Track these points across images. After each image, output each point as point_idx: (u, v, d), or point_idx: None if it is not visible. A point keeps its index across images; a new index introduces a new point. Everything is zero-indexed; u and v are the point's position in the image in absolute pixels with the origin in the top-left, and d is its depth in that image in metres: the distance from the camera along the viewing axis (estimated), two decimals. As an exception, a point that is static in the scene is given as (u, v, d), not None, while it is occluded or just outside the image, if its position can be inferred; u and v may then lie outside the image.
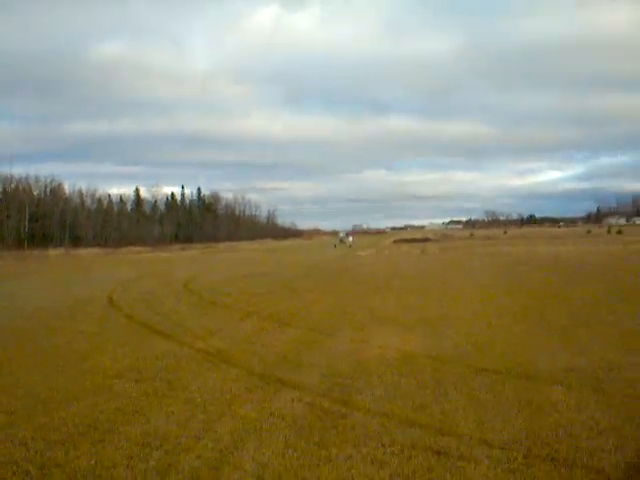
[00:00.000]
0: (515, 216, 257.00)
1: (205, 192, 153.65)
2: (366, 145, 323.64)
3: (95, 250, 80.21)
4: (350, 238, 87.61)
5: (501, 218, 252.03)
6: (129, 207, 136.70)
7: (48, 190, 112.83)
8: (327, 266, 37.44)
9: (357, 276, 27.78)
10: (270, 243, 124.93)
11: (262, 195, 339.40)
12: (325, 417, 6.90)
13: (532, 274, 25.65)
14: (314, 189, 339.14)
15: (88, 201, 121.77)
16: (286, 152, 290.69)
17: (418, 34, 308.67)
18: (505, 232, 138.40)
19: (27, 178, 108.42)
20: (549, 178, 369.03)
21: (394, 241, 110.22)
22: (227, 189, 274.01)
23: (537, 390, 7.79)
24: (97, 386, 8.50)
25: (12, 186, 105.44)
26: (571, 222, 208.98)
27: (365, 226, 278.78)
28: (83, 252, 74.77)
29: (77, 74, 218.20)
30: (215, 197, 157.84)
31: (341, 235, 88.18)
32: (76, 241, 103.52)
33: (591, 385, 7.92)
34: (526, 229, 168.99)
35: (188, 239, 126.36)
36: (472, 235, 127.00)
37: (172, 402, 7.62)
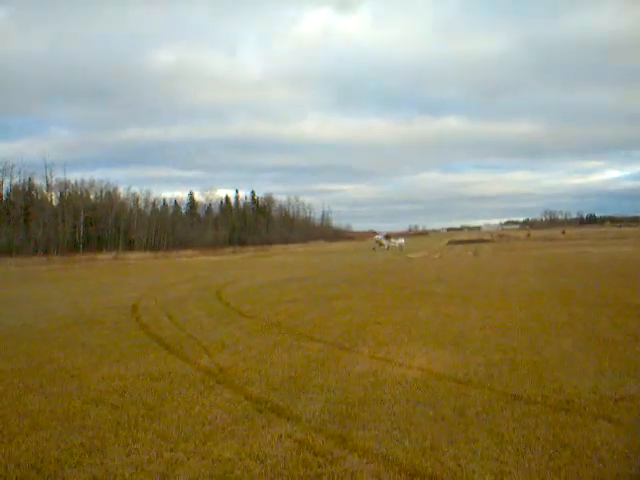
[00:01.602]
0: (574, 215, 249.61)
1: (259, 195, 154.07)
2: (420, 147, 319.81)
3: (146, 254, 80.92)
4: (401, 240, 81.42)
5: (560, 217, 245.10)
6: (183, 211, 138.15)
7: (103, 195, 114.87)
8: (372, 270, 36.10)
9: (399, 281, 26.39)
10: (323, 245, 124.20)
11: (317, 197, 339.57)
12: (312, 461, 5.71)
13: (588, 279, 23.75)
14: (370, 191, 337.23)
15: (142, 205, 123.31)
16: (341, 155, 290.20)
17: (470, 34, 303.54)
18: (563, 232, 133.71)
19: (83, 183, 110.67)
20: (609, 177, 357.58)
21: (448, 242, 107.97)
22: (281, 192, 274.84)
23: (577, 426, 6.40)
24: (70, 412, 7.50)
25: (68, 191, 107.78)
26: (633, 221, 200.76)
27: (421, 227, 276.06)
28: (133, 256, 75.38)
29: (133, 80, 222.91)
30: (269, 200, 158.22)
31: (377, 237, 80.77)
32: (130, 245, 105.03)
33: (648, 422, 6.49)
34: (585, 229, 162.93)
35: (242, 242, 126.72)
36: (529, 235, 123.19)
37: (141, 436, 6.55)
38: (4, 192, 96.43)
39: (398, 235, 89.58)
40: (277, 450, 6.02)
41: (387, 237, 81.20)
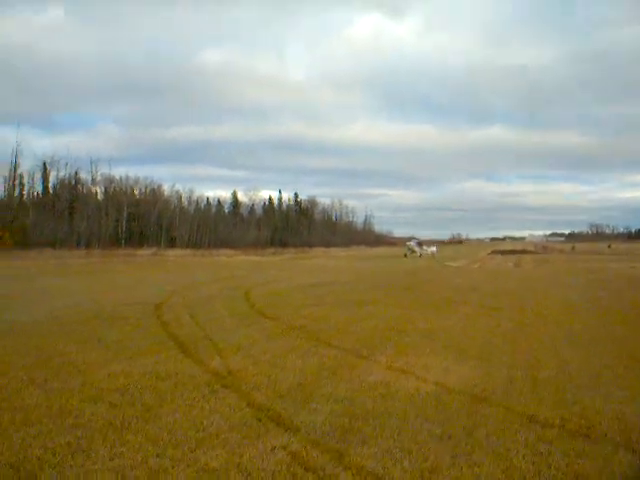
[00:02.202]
0: (622, 229, 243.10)
1: (302, 197, 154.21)
2: (466, 155, 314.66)
3: (186, 251, 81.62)
4: (433, 248, 78.73)
5: (606, 231, 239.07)
6: (226, 210, 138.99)
7: (147, 191, 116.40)
8: (406, 277, 35.49)
9: (432, 288, 25.79)
10: (364, 250, 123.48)
11: (360, 201, 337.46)
12: (301, 477, 5.34)
13: (630, 295, 22.77)
14: (413, 197, 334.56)
15: (185, 203, 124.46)
16: (386, 159, 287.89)
17: (522, 42, 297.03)
18: (609, 246, 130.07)
19: (127, 179, 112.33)
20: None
21: (491, 252, 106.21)
22: (325, 194, 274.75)
23: (595, 456, 5.87)
24: (65, 409, 7.27)
25: (113, 186, 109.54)
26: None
27: (464, 236, 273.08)
28: (173, 253, 76.15)
29: (180, 79, 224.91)
30: (312, 202, 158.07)
31: (410, 244, 77.49)
32: (172, 242, 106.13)
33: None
34: (633, 244, 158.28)
35: (283, 243, 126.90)
36: (573, 248, 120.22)
37: (131, 439, 6.27)
38: (50, 185, 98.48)
39: (431, 243, 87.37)
40: (267, 463, 5.66)
41: (420, 244, 79.15)
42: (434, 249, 77.05)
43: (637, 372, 9.50)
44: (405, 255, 73.34)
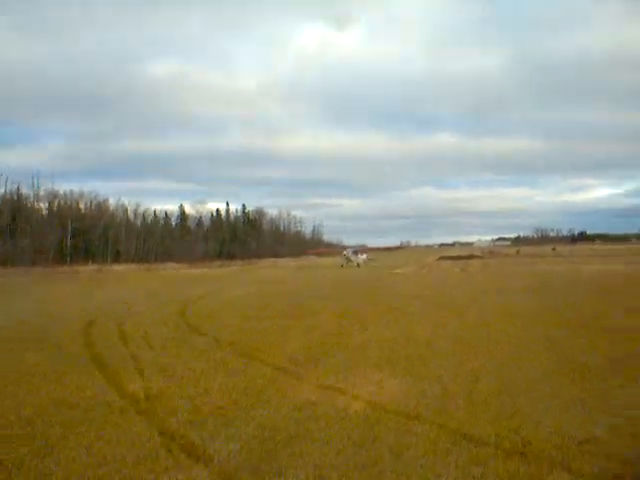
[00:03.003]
0: (566, 233, 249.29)
1: (250, 208, 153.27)
2: (414, 162, 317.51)
3: (132, 266, 79.64)
4: (363, 256, 76.08)
5: (551, 234, 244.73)
6: (174, 223, 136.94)
7: (93, 206, 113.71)
8: (350, 285, 35.04)
9: (376, 297, 25.35)
10: (313, 260, 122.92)
11: (309, 212, 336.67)
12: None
13: (572, 297, 22.76)
14: (362, 206, 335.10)
15: (132, 217, 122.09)
16: (334, 169, 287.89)
17: (464, 51, 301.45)
18: (553, 249, 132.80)
19: (72, 194, 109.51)
20: (602, 194, 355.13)
21: (439, 258, 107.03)
22: (273, 205, 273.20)
23: (530, 478, 5.45)
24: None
25: (56, 202, 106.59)
26: (624, 239, 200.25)
27: (414, 243, 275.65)
28: (117, 268, 74.13)
29: (125, 92, 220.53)
30: (260, 213, 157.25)
31: (345, 253, 74.42)
32: (117, 257, 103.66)
33: (612, 475, 5.53)
34: (576, 246, 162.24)
35: (231, 255, 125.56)
36: (518, 252, 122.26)
37: (17, 483, 5.56)
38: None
39: (365, 250, 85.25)
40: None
41: (356, 252, 76.34)
42: (364, 257, 74.67)
43: (578, 379, 9.21)
44: (342, 266, 68.72)
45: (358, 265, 68.19)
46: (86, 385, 9.47)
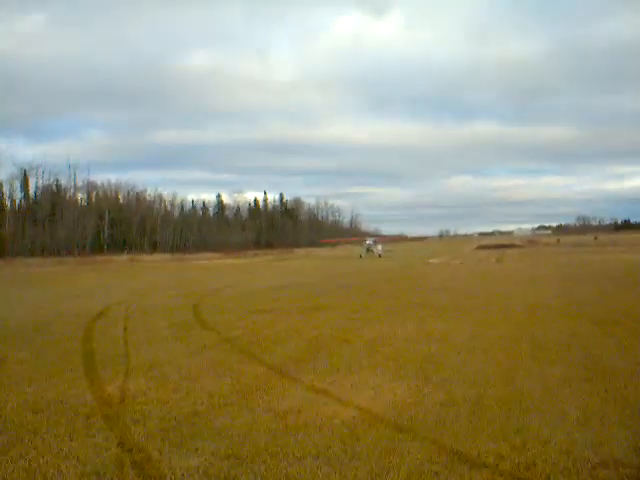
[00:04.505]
0: (608, 221, 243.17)
1: (288, 198, 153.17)
2: (453, 151, 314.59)
3: (165, 256, 79.90)
4: (379, 247, 73.02)
5: (593, 223, 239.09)
6: (211, 213, 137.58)
7: (130, 196, 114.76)
8: (378, 276, 34.10)
9: (400, 289, 24.41)
10: (349, 249, 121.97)
11: (347, 201, 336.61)
12: None
13: (605, 289, 21.45)
14: (400, 195, 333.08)
15: (169, 207, 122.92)
16: (372, 158, 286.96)
17: (504, 37, 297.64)
18: (595, 238, 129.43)
19: (110, 184, 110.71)
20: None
21: (476, 247, 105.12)
22: (311, 194, 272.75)
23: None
24: None
25: (95, 192, 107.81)
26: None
27: (453, 232, 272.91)
28: (150, 258, 74.35)
29: (166, 84, 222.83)
30: (297, 202, 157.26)
31: (367, 243, 71.63)
32: (154, 247, 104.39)
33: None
34: (619, 235, 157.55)
35: (269, 245, 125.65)
36: (559, 241, 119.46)
37: None
38: (31, 193, 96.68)
39: (382, 240, 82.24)
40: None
41: (376, 242, 73.85)
42: (379, 248, 71.86)
43: (600, 386, 8.13)
44: (360, 256, 66.08)
45: (379, 256, 66.44)
46: (62, 385, 8.84)
